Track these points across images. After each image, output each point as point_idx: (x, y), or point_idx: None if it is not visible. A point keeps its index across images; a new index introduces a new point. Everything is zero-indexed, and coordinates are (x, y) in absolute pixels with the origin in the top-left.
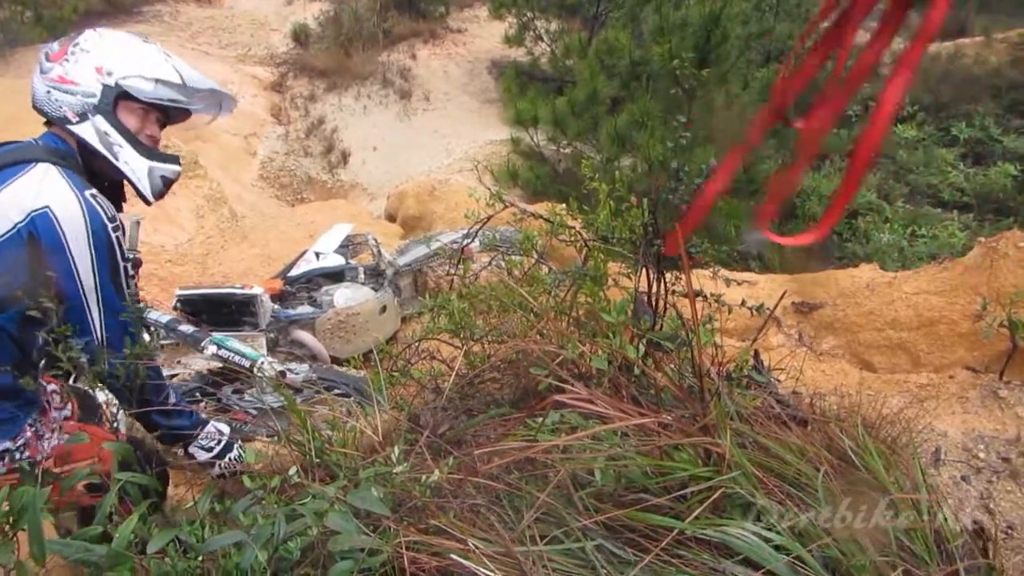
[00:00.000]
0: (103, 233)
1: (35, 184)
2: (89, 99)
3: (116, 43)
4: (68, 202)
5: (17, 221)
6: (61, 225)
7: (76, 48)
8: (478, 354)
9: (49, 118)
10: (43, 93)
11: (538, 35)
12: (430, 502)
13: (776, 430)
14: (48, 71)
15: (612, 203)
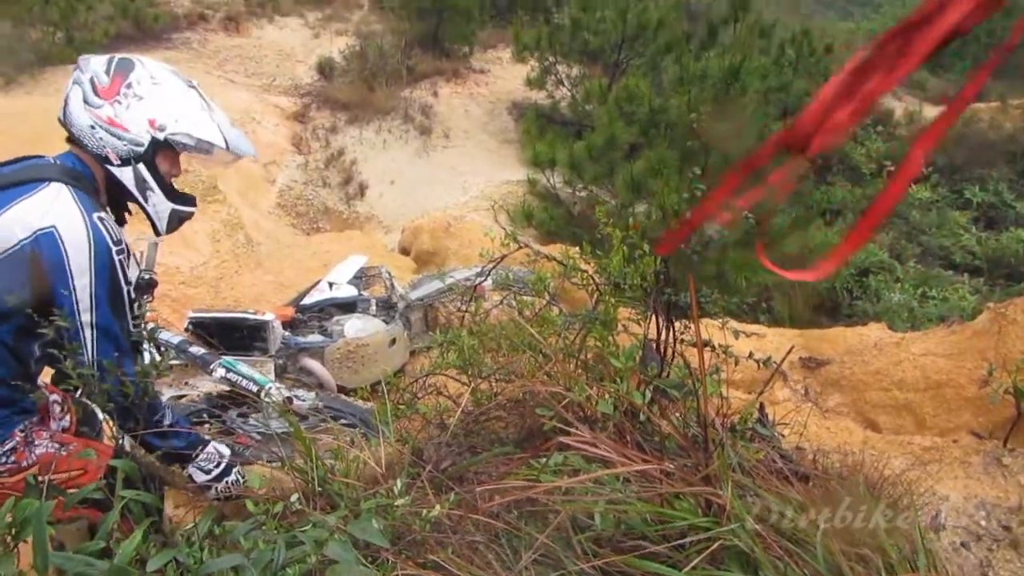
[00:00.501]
0: (106, 256)
1: (45, 204)
2: (136, 147)
3: (169, 95)
4: (74, 223)
5: (22, 238)
6: (65, 245)
7: (129, 91)
8: (485, 392)
9: (86, 150)
10: (86, 126)
11: (559, 79)
12: (429, 536)
13: (778, 484)
14: (97, 107)
15: (625, 249)
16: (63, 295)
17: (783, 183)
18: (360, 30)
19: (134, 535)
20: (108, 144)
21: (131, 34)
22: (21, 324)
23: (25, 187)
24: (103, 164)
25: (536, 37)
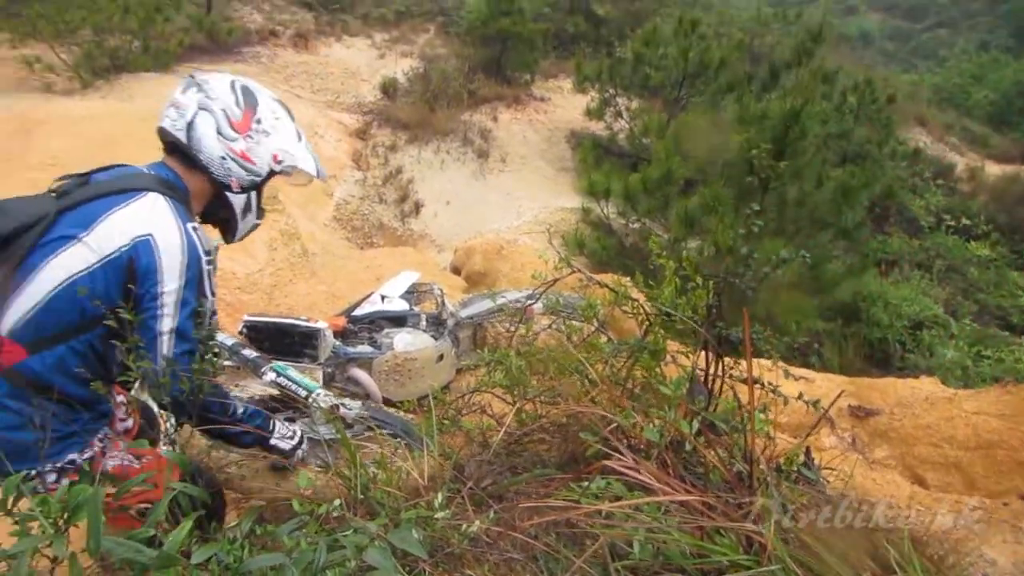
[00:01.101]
0: (197, 266)
1: (143, 212)
2: (256, 178)
3: (284, 129)
4: (170, 231)
5: (121, 245)
6: (159, 252)
7: (259, 127)
8: (529, 413)
9: (213, 177)
10: (217, 156)
11: (618, 111)
12: (467, 551)
13: (820, 530)
14: (232, 140)
15: (678, 281)
16: (150, 297)
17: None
18: (425, 53)
19: (183, 525)
20: (235, 174)
21: (204, 46)
22: (112, 331)
23: (123, 196)
24: (221, 188)
25: (598, 69)
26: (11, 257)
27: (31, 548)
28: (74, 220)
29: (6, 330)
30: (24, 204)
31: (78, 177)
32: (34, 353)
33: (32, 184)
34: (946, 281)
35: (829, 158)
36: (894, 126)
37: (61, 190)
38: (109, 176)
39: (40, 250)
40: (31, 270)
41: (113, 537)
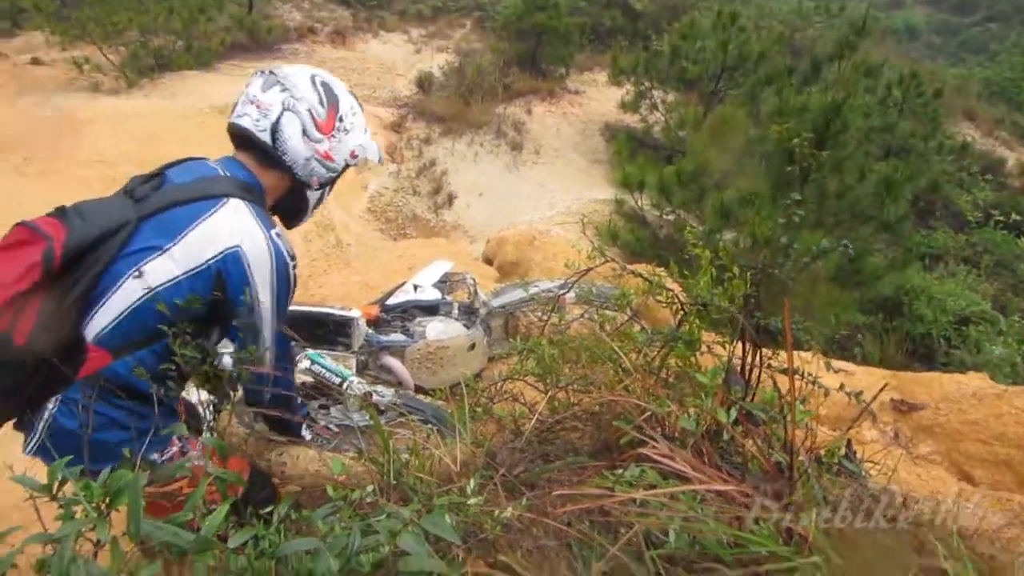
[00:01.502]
0: (284, 272)
1: (229, 222)
2: (334, 174)
3: (359, 124)
4: (258, 242)
5: (209, 258)
6: (249, 264)
7: (341, 125)
8: (562, 401)
9: (295, 176)
10: (302, 157)
11: (654, 104)
12: (500, 537)
13: (862, 524)
14: (317, 141)
15: (714, 271)
16: (245, 309)
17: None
18: (460, 48)
19: (222, 508)
20: (316, 173)
21: (245, 44)
22: (193, 335)
23: (206, 203)
24: (300, 187)
25: (634, 62)
26: (95, 264)
27: (75, 532)
28: (157, 229)
29: (92, 336)
30: (105, 209)
31: (152, 177)
32: (118, 358)
33: (81, 181)
34: (994, 277)
35: (872, 152)
36: (941, 120)
37: (139, 194)
38: (185, 178)
39: (124, 260)
40: (116, 279)
41: (152, 521)
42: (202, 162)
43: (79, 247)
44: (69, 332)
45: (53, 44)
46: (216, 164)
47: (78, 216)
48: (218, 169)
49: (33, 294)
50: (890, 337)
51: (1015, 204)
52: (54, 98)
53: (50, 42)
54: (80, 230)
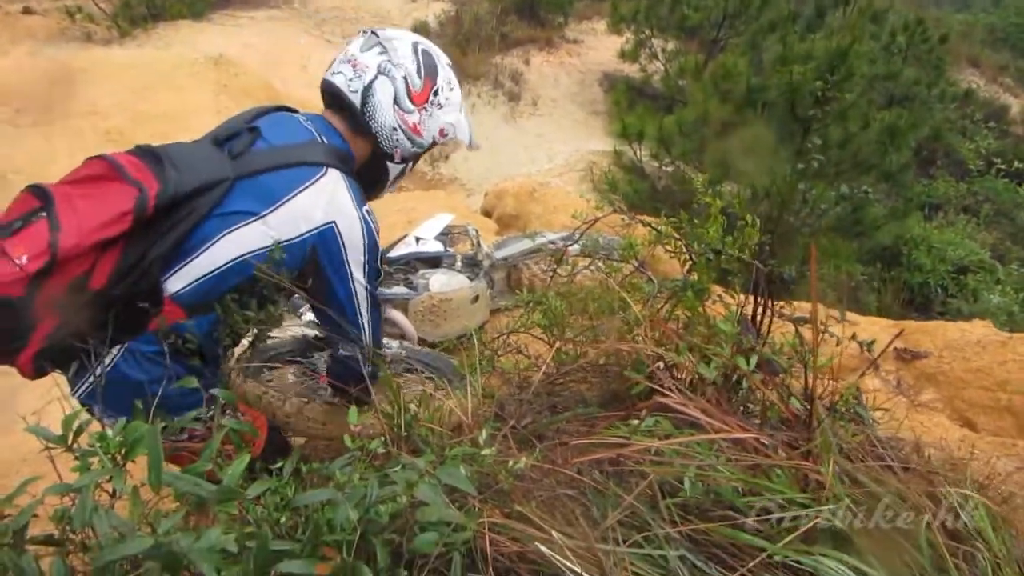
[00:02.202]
0: (374, 251)
1: (326, 196)
2: (419, 150)
3: (455, 101)
4: (352, 220)
5: (305, 232)
6: (344, 242)
7: (435, 99)
8: (569, 353)
9: (378, 144)
10: (388, 126)
11: (653, 53)
12: (517, 486)
13: (877, 471)
14: (408, 111)
15: (723, 219)
16: (340, 287)
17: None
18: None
19: (243, 457)
20: (401, 146)
21: None
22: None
23: (305, 172)
24: (382, 157)
25: (634, 9)
26: (186, 219)
27: (93, 482)
28: (253, 193)
29: (171, 291)
30: (200, 161)
31: (247, 128)
32: (192, 316)
33: (76, 132)
34: (994, 226)
35: (875, 100)
36: (945, 67)
37: (235, 149)
38: (283, 138)
39: (216, 220)
40: (206, 239)
41: (173, 472)
42: (294, 118)
43: (174, 199)
44: (149, 284)
45: None
46: (309, 124)
47: (172, 166)
48: (313, 132)
49: (118, 240)
50: (887, 287)
51: (1017, 152)
52: (46, 48)
53: None
54: (175, 182)
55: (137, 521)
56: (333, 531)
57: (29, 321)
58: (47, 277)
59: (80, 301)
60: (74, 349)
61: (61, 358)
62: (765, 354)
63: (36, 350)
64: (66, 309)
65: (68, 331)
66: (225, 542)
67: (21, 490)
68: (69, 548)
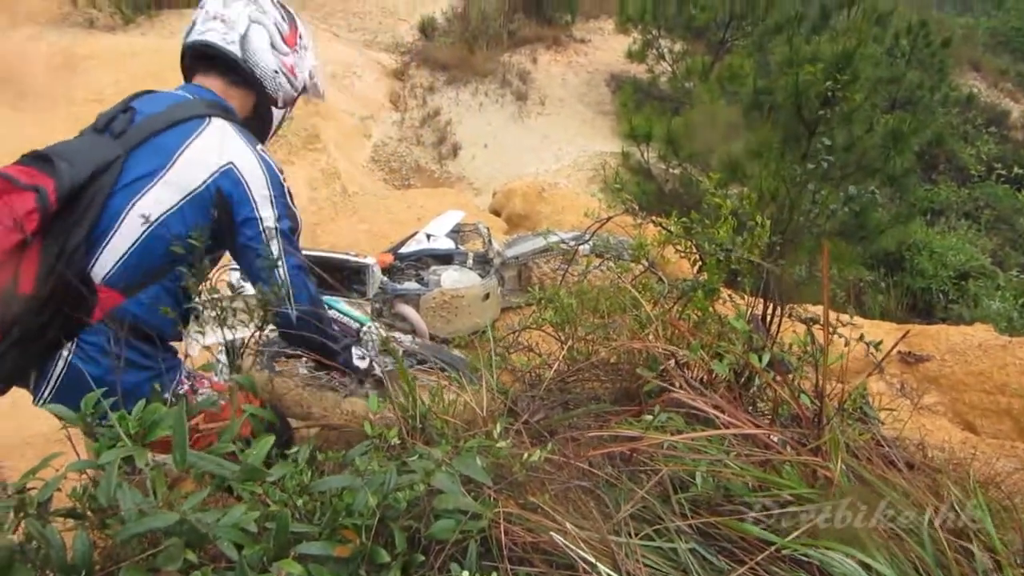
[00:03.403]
0: (280, 185)
1: (216, 141)
2: (295, 92)
3: (312, 47)
4: (247, 157)
5: (205, 178)
6: (245, 179)
7: (301, 42)
8: (581, 351)
9: (263, 90)
10: (270, 69)
11: (661, 54)
12: (531, 478)
13: (883, 469)
14: (284, 54)
15: (733, 221)
16: (249, 227)
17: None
18: None
19: (267, 438)
20: (282, 89)
21: None
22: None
23: (190, 125)
24: (267, 103)
25: (641, 9)
26: (92, 204)
27: (117, 459)
28: (146, 157)
29: (100, 277)
30: (88, 148)
31: (120, 111)
32: (130, 296)
33: (76, 119)
34: (994, 231)
35: (878, 103)
36: (947, 71)
37: (116, 128)
38: (157, 107)
39: (120, 194)
40: (117, 215)
41: (197, 452)
42: (164, 92)
43: (72, 189)
44: (76, 275)
45: None
46: (180, 91)
47: (63, 160)
48: (187, 94)
49: (33, 242)
50: (891, 291)
51: (1017, 157)
52: (48, 33)
53: None
54: (69, 172)
55: (161, 499)
56: (351, 515)
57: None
58: None
59: (14, 309)
60: (26, 359)
61: (15, 372)
62: (776, 353)
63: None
64: (3, 320)
65: (15, 339)
66: (246, 521)
67: (45, 464)
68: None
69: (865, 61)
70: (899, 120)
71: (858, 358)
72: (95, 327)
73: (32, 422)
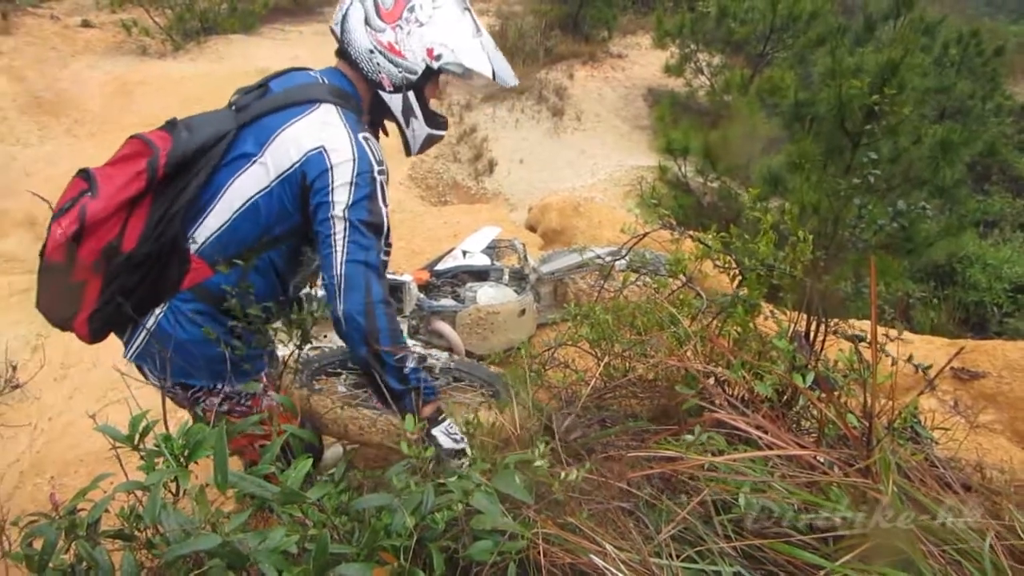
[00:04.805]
0: (368, 175)
1: (316, 125)
2: (410, 75)
3: (446, 20)
4: (340, 142)
5: (295, 160)
6: (331, 161)
7: (411, 15)
8: (618, 367)
9: (358, 70)
10: (364, 49)
11: (699, 68)
12: (571, 498)
13: (938, 490)
14: (379, 30)
15: (774, 235)
16: (322, 211)
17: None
18: (501, 10)
19: (306, 460)
20: (384, 70)
21: (287, 7)
22: (293, 248)
23: (298, 108)
24: (374, 88)
25: (679, 24)
26: (198, 174)
27: (161, 481)
28: (253, 137)
29: (195, 248)
30: (208, 121)
31: (257, 87)
32: (220, 271)
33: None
34: None
35: (927, 114)
36: (1000, 80)
37: (240, 104)
38: (286, 86)
39: (225, 169)
40: (218, 190)
41: (238, 473)
42: (303, 72)
43: (182, 157)
44: (174, 241)
45: (103, 6)
46: (316, 73)
47: (185, 128)
48: (317, 76)
49: (141, 202)
50: (941, 306)
51: None
52: (104, 61)
53: (99, 4)
54: (183, 141)
55: (203, 520)
56: (390, 536)
57: (76, 285)
58: (81, 241)
59: (116, 263)
60: (121, 313)
61: (113, 320)
62: (821, 371)
63: (88, 313)
64: (105, 271)
65: (112, 292)
66: (287, 544)
67: (94, 485)
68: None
69: (912, 71)
70: (948, 130)
71: (908, 375)
72: (187, 294)
73: (84, 441)
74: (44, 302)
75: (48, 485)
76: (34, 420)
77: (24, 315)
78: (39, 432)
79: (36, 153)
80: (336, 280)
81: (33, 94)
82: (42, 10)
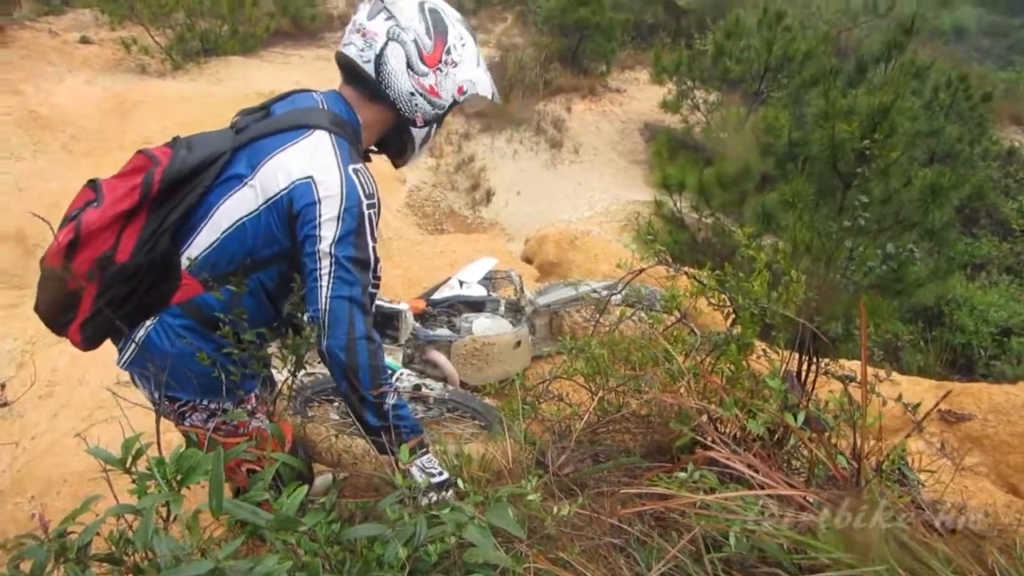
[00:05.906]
0: (356, 209)
1: (306, 154)
2: (439, 111)
3: (470, 56)
4: (330, 173)
5: (283, 187)
6: (318, 193)
7: (448, 57)
8: (612, 402)
9: (399, 112)
10: (406, 92)
11: (695, 104)
12: (562, 533)
13: (923, 533)
14: (422, 75)
15: (768, 274)
16: (308, 235)
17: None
18: (501, 42)
19: (301, 488)
20: (421, 109)
21: (288, 31)
22: (283, 271)
23: (292, 133)
24: (404, 123)
25: (676, 61)
26: (191, 193)
27: (153, 505)
28: (246, 159)
29: (187, 265)
30: (208, 141)
31: (259, 109)
32: (208, 289)
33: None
34: None
35: (917, 156)
36: (988, 125)
37: (240, 125)
38: (284, 110)
39: (217, 190)
40: (209, 210)
41: (232, 500)
42: (307, 95)
43: (178, 174)
44: (165, 256)
45: (102, 24)
46: (319, 96)
47: (186, 147)
48: (318, 101)
49: (136, 215)
50: (929, 347)
51: None
52: (102, 78)
53: (99, 21)
54: (180, 159)
55: (194, 546)
56: (382, 567)
57: (72, 292)
58: (76, 250)
59: (110, 273)
60: (112, 322)
61: (105, 329)
62: (812, 411)
63: (82, 320)
64: (100, 280)
65: (106, 300)
66: (279, 571)
67: (85, 507)
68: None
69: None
70: (938, 174)
71: (896, 416)
72: (177, 309)
73: (69, 460)
74: (42, 306)
75: (29, 505)
76: (17, 438)
77: (11, 330)
78: (21, 451)
79: (30, 168)
80: (321, 315)
81: (28, 108)
82: (40, 24)
